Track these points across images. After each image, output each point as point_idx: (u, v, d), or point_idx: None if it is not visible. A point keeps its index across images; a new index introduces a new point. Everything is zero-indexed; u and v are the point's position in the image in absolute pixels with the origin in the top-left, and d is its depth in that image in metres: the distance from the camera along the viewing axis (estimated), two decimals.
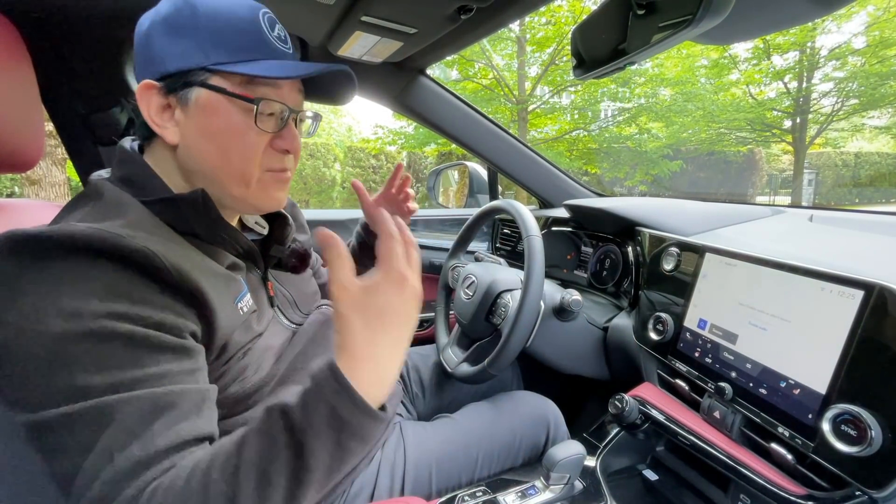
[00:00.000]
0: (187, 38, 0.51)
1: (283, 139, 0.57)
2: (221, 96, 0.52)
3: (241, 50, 0.52)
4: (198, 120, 0.52)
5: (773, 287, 0.64)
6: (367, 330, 0.44)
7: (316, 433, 0.41)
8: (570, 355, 0.99)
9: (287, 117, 0.56)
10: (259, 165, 0.56)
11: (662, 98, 9.53)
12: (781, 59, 9.39)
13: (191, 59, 0.51)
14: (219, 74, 0.51)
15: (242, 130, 0.53)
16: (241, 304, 0.56)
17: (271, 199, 0.60)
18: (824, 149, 12.88)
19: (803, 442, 0.56)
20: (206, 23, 0.50)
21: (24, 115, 0.61)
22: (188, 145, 0.54)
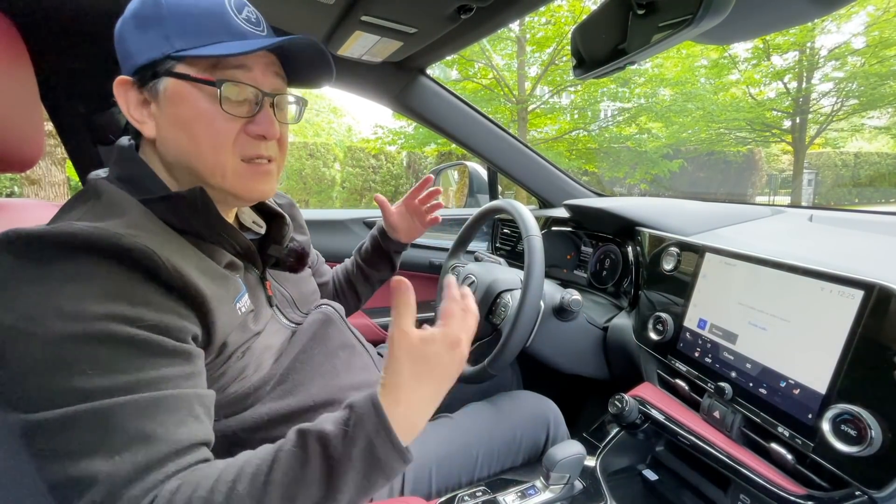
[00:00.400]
0: (152, 28, 0.50)
1: (257, 124, 0.54)
2: (186, 83, 0.51)
3: (205, 34, 0.51)
4: (168, 110, 0.52)
5: (773, 287, 0.64)
6: (413, 378, 0.47)
7: (351, 465, 0.43)
8: (569, 355, 0.99)
9: (261, 101, 0.54)
10: (232, 154, 0.54)
11: (662, 98, 9.53)
12: (781, 59, 9.39)
13: (156, 48, 0.50)
14: (183, 61, 0.50)
15: (210, 117, 0.52)
16: (239, 304, 0.56)
17: (253, 190, 0.57)
18: (824, 149, 12.88)
19: (803, 442, 0.56)
20: (168, 11, 0.50)
21: (23, 114, 0.60)
22: (163, 137, 0.53)
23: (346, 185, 10.15)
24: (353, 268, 0.99)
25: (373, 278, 0.98)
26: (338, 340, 0.71)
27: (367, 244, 0.99)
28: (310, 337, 0.67)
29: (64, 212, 0.50)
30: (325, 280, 0.97)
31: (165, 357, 0.44)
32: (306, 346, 0.66)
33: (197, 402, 0.46)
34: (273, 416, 0.59)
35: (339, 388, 0.67)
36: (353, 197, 10.20)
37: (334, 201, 10.06)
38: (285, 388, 0.62)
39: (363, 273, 0.97)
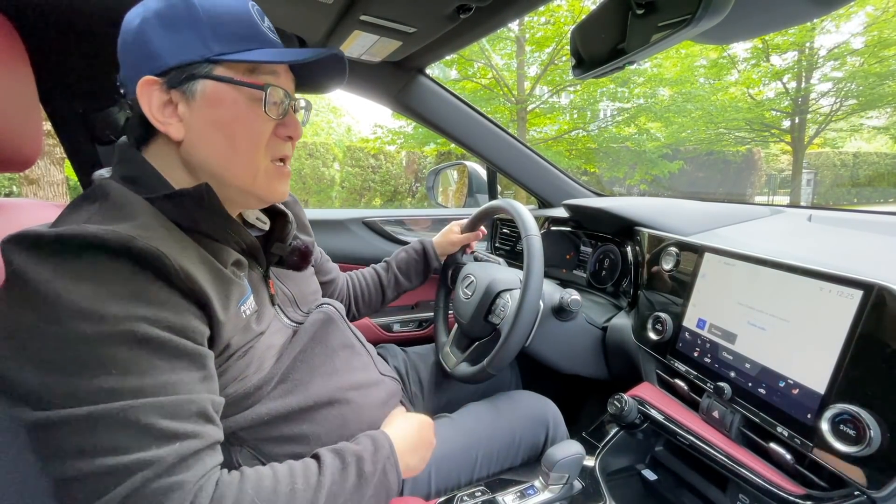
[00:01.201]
0: (186, 31, 0.50)
1: (287, 126, 0.58)
2: (228, 86, 0.52)
3: (241, 40, 0.52)
4: (205, 112, 0.52)
5: (772, 287, 0.64)
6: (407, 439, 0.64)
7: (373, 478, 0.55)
8: (569, 355, 0.98)
9: (288, 105, 0.57)
10: (265, 154, 0.57)
11: (661, 98, 9.54)
12: (780, 58, 9.40)
13: (192, 51, 0.51)
14: (223, 65, 0.52)
15: (251, 119, 0.54)
16: (243, 307, 0.56)
17: (276, 191, 0.60)
18: (823, 149, 12.90)
19: (802, 442, 0.56)
20: (203, 15, 0.51)
21: (22, 113, 0.60)
22: (194, 139, 0.53)
23: (345, 184, 10.14)
24: (388, 275, 1.07)
25: (402, 287, 1.08)
26: (338, 340, 0.72)
27: (405, 257, 1.08)
28: (311, 336, 0.68)
29: (71, 212, 0.49)
30: (330, 278, 0.98)
31: (184, 359, 0.45)
32: (307, 345, 0.66)
33: (210, 405, 0.47)
34: (273, 415, 0.59)
35: (339, 388, 0.67)
36: (353, 197, 10.20)
37: (333, 201, 10.06)
38: (286, 387, 0.62)
39: (397, 281, 1.07)
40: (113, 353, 0.41)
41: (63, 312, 0.40)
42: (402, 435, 0.64)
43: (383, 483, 0.56)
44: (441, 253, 1.10)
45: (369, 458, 0.56)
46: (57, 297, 0.40)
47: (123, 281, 0.43)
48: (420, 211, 1.64)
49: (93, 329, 0.40)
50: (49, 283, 0.40)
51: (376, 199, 10.37)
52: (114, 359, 0.41)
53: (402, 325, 1.47)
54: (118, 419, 0.40)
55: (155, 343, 0.43)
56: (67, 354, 0.40)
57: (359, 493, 0.53)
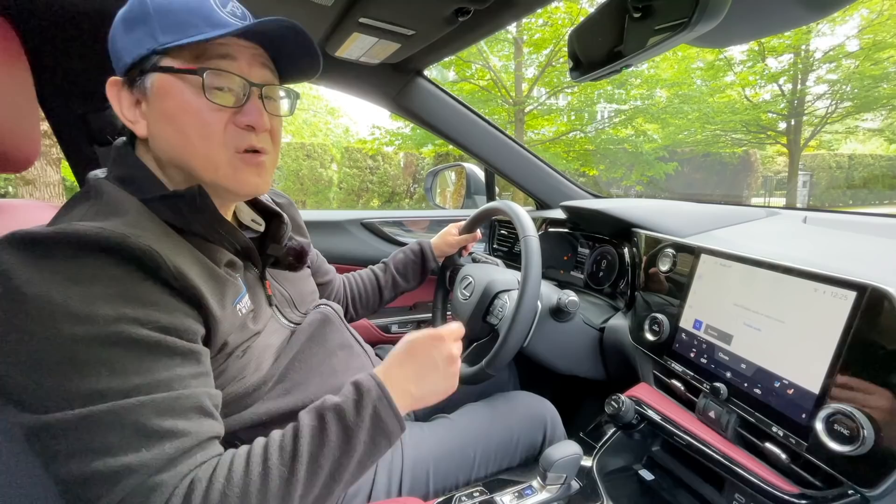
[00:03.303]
0: (139, 27, 0.51)
1: (246, 114, 0.54)
2: (171, 76, 0.51)
3: (188, 27, 0.50)
4: (156, 106, 0.52)
5: (768, 288, 0.65)
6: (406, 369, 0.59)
7: (362, 427, 0.50)
8: (566, 356, 0.99)
9: (249, 91, 0.54)
10: (223, 145, 0.53)
11: (658, 100, 9.57)
12: (776, 61, 9.46)
13: (142, 45, 0.50)
14: (167, 55, 0.51)
15: (196, 108, 0.51)
16: (239, 305, 0.56)
17: (246, 182, 0.57)
18: (819, 151, 12.97)
19: (797, 441, 0.57)
20: (153, 8, 0.50)
21: (20, 114, 0.60)
22: (154, 135, 0.53)
23: (343, 185, 10.13)
24: (386, 276, 1.07)
25: (400, 287, 1.07)
26: (336, 340, 0.72)
27: (403, 258, 1.08)
28: (308, 336, 0.68)
29: (65, 212, 0.50)
30: (327, 279, 0.98)
31: (177, 357, 0.45)
32: (305, 345, 0.67)
33: (208, 399, 0.47)
34: (272, 415, 0.59)
35: (337, 388, 0.67)
36: (350, 198, 10.19)
37: (331, 202, 10.05)
38: (284, 387, 0.62)
39: (394, 282, 1.06)
40: (104, 354, 0.41)
41: (54, 315, 0.39)
42: (400, 365, 0.58)
43: (379, 428, 0.51)
44: (439, 254, 1.10)
45: (351, 407, 0.51)
46: (48, 300, 0.40)
47: (114, 282, 0.43)
48: (418, 212, 1.64)
49: (84, 331, 0.40)
50: (39, 286, 0.40)
51: (374, 201, 10.36)
52: (105, 360, 0.41)
53: (400, 326, 1.47)
54: (110, 420, 0.40)
55: (146, 344, 0.43)
56: (59, 356, 0.39)
57: (348, 447, 0.49)
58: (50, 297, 0.40)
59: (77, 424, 0.39)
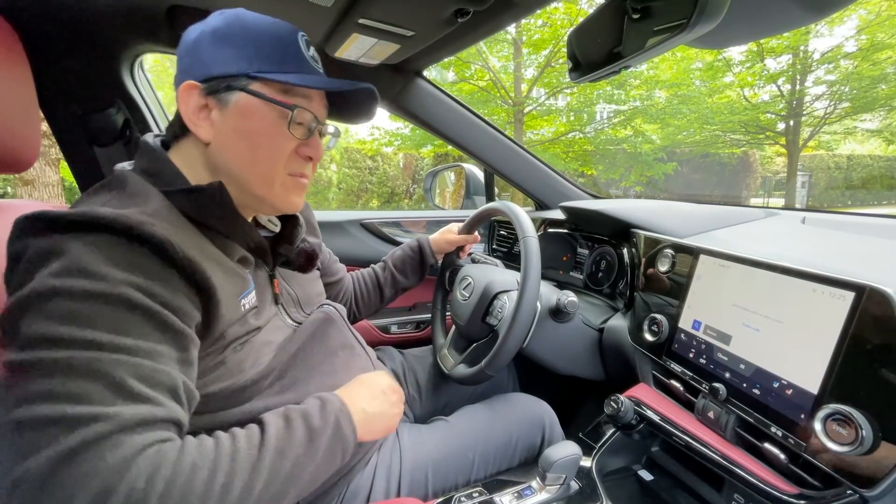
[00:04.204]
0: (234, 47, 0.56)
1: (309, 147, 0.62)
2: (260, 101, 0.57)
3: (282, 62, 0.57)
4: (234, 121, 0.57)
5: (766, 288, 0.65)
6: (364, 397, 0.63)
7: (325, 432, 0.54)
8: (566, 356, 0.99)
9: (315, 128, 0.62)
10: (283, 168, 0.61)
11: (657, 100, 9.58)
12: (775, 62, 9.48)
13: (235, 65, 0.56)
14: (260, 81, 0.57)
15: (274, 134, 0.58)
16: (244, 300, 0.58)
17: (291, 202, 0.64)
18: (817, 151, 12.99)
19: (796, 441, 0.57)
20: (252, 36, 0.57)
21: (21, 115, 0.60)
22: (221, 143, 0.58)
23: (342, 186, 10.13)
24: (385, 273, 1.08)
25: (400, 284, 1.08)
26: (338, 340, 0.73)
27: (401, 254, 1.09)
28: (310, 335, 0.68)
29: (88, 197, 0.52)
30: (337, 278, 0.99)
31: (169, 334, 0.47)
32: (306, 343, 0.67)
33: (183, 387, 0.47)
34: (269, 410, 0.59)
35: (337, 388, 0.67)
36: (350, 198, 10.18)
37: (330, 202, 10.04)
38: (283, 383, 0.62)
39: (394, 279, 1.08)
40: (103, 310, 0.43)
41: (64, 268, 0.42)
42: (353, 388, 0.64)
43: (338, 436, 0.55)
44: (437, 251, 1.10)
45: (317, 412, 0.55)
46: (60, 255, 0.43)
47: (127, 255, 0.46)
48: (417, 213, 1.64)
49: (90, 286, 0.42)
50: (56, 244, 0.43)
51: (373, 201, 10.36)
52: (102, 315, 0.42)
53: (399, 327, 1.47)
54: (91, 368, 0.41)
55: (144, 311, 0.45)
56: (60, 306, 0.41)
57: (311, 447, 0.52)
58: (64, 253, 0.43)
59: (59, 365, 0.40)
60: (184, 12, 0.90)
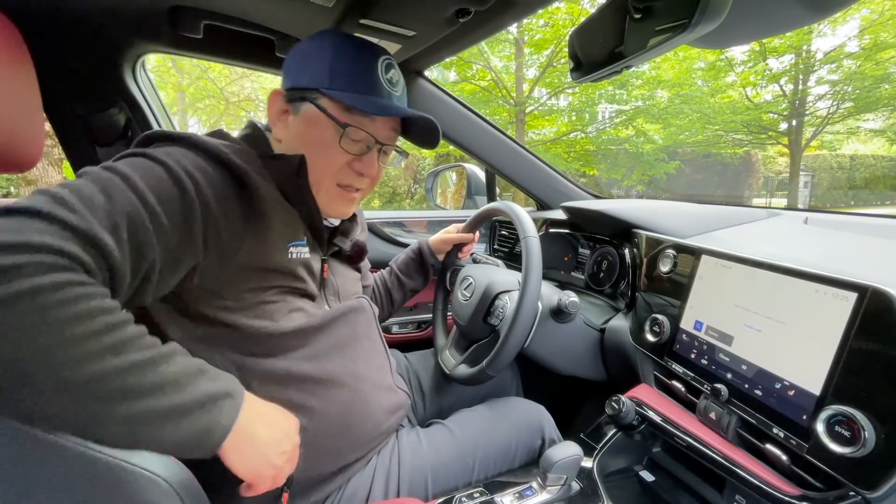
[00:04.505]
0: (314, 65, 0.65)
1: (362, 163, 0.69)
2: (322, 114, 0.65)
3: (354, 83, 0.65)
4: (300, 127, 0.67)
5: (768, 289, 0.65)
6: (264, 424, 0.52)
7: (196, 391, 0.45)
8: (567, 357, 0.99)
9: (371, 147, 0.68)
10: (332, 178, 0.68)
11: (659, 100, 9.56)
12: (777, 61, 9.44)
13: (312, 80, 0.65)
14: (328, 97, 0.64)
15: (328, 146, 0.66)
16: (292, 248, 0.64)
17: (334, 209, 0.72)
18: (820, 151, 12.95)
19: (798, 443, 0.56)
20: (331, 56, 0.65)
21: (25, 115, 0.61)
22: (288, 143, 0.68)
23: None
24: (391, 277, 1.11)
25: (406, 286, 1.11)
26: (364, 330, 0.76)
27: (404, 257, 1.13)
28: (341, 314, 0.71)
29: None
30: (367, 283, 1.02)
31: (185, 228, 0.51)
32: (335, 321, 0.70)
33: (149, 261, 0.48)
34: (289, 375, 0.62)
35: (353, 374, 0.70)
36: None
37: None
38: (307, 351, 0.64)
39: (399, 281, 1.11)
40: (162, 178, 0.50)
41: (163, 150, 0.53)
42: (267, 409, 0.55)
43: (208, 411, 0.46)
44: (436, 250, 1.12)
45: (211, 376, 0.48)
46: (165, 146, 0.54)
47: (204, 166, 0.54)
48: (419, 213, 1.64)
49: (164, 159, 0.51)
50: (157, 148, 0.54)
51: (375, 201, 10.36)
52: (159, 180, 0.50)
53: (400, 327, 1.47)
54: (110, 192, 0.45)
55: (183, 193, 0.50)
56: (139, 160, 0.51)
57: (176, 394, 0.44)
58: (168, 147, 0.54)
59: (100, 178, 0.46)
60: (185, 12, 0.91)
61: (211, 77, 9.45)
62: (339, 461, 0.68)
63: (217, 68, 9.11)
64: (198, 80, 9.77)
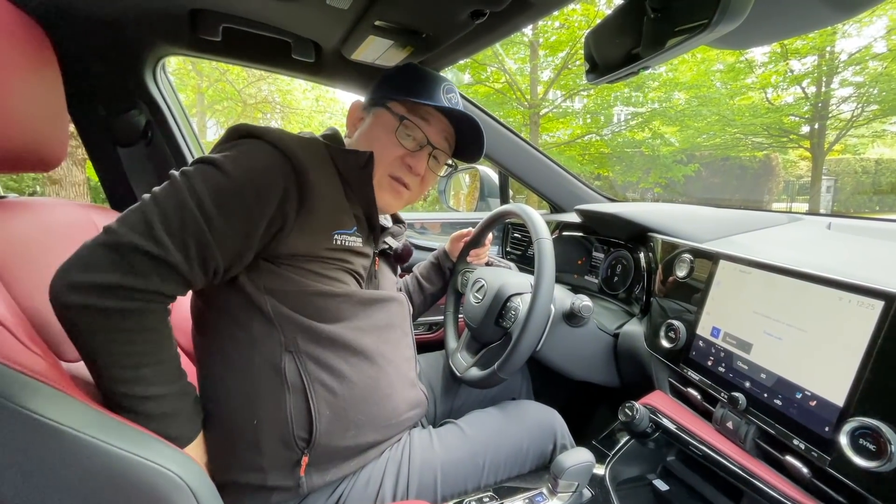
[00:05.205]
0: (393, 83, 0.79)
1: (412, 157, 0.77)
2: (386, 111, 0.76)
3: (417, 93, 0.75)
4: (367, 125, 0.78)
5: (790, 296, 0.63)
6: None
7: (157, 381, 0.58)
8: (579, 361, 0.98)
9: (424, 146, 0.77)
10: (386, 168, 0.76)
11: (676, 102, 9.42)
12: (800, 63, 9.23)
13: (386, 91, 0.78)
14: (394, 100, 0.76)
15: (384, 137, 0.76)
16: (338, 236, 0.68)
17: (384, 200, 0.78)
18: (844, 155, 12.60)
19: (819, 455, 0.55)
20: (405, 77, 0.79)
21: (50, 117, 0.62)
22: (355, 141, 0.79)
23: None
24: (413, 280, 1.16)
25: (426, 290, 1.14)
26: (397, 321, 0.80)
27: (426, 262, 1.18)
28: (382, 299, 0.76)
29: None
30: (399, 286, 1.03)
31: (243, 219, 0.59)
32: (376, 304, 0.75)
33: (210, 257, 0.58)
34: (329, 338, 0.67)
35: (383, 356, 0.74)
36: None
37: None
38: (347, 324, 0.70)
39: (420, 285, 1.15)
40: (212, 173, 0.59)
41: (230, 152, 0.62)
42: None
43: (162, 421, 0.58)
44: (450, 251, 1.15)
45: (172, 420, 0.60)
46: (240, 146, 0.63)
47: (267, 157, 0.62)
48: (432, 214, 1.65)
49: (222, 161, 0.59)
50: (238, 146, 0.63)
51: None
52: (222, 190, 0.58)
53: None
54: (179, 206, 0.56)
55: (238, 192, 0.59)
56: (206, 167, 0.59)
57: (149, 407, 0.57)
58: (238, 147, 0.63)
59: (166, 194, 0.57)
60: (204, 16, 0.92)
61: (229, 79, 9.61)
62: (357, 437, 0.69)
63: (235, 71, 9.26)
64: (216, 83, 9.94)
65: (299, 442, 0.64)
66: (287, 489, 0.65)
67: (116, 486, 0.46)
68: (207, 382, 0.69)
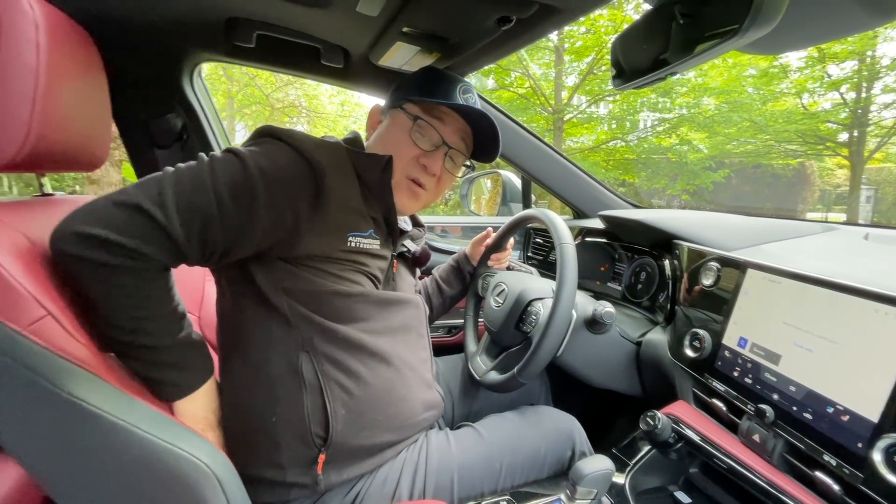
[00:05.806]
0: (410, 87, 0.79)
1: (427, 157, 0.77)
2: (402, 113, 0.77)
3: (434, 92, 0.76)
4: (384, 127, 0.79)
5: (822, 307, 0.61)
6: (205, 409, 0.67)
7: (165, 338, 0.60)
8: (601, 368, 0.97)
9: (439, 146, 0.77)
10: (402, 168, 0.76)
11: (706, 108, 9.19)
12: (838, 68, 8.87)
13: (404, 94, 0.78)
14: (410, 102, 0.77)
15: (399, 137, 0.76)
16: (353, 238, 0.69)
17: (401, 201, 0.78)
18: (885, 164, 12.02)
19: (851, 472, 0.53)
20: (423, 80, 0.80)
21: (97, 119, 0.66)
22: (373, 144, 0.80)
23: None
24: (432, 283, 1.16)
25: (445, 293, 1.14)
26: (415, 323, 0.80)
27: (445, 266, 1.18)
28: (399, 301, 0.77)
29: None
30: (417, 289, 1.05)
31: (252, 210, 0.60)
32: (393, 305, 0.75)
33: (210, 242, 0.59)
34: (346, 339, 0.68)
35: (400, 357, 0.74)
36: None
37: None
38: (364, 325, 0.70)
39: (439, 288, 1.15)
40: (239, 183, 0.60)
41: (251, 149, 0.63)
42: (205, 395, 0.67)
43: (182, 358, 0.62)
44: (470, 255, 1.14)
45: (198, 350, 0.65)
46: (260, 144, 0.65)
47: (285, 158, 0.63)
48: (453, 218, 1.66)
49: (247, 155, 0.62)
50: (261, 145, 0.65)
51: None
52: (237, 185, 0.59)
53: (431, 331, 1.48)
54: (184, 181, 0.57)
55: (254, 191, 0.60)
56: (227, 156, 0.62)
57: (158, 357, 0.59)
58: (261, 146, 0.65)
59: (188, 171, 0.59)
60: (240, 23, 0.96)
61: (258, 84, 9.88)
62: (373, 437, 0.70)
63: (264, 76, 9.53)
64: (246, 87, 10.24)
65: (317, 440, 0.66)
66: (305, 486, 0.66)
67: (149, 471, 0.48)
68: (228, 378, 0.70)
